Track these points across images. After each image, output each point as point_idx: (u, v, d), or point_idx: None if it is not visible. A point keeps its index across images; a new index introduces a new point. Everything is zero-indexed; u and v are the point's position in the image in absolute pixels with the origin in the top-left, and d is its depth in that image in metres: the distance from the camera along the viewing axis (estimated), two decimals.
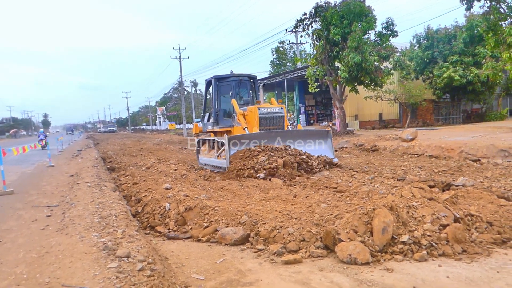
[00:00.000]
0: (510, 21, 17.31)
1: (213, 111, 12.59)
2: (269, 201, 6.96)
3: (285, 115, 11.28)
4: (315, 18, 21.61)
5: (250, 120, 10.89)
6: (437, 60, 24.62)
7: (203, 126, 13.87)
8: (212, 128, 12.72)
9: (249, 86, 12.97)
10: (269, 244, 4.69)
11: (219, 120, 12.56)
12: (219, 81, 12.55)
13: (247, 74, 12.96)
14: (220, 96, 12.56)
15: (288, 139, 10.34)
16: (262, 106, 11.14)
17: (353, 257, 3.95)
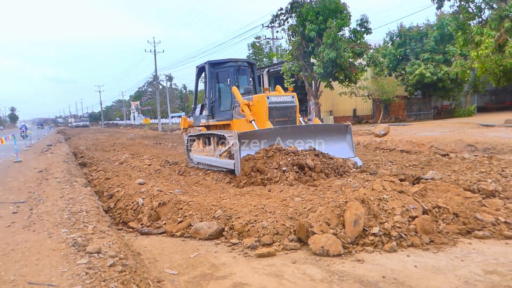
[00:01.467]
0: (478, 21, 17.90)
1: (208, 102, 10.93)
2: (244, 196, 6.97)
3: (297, 105, 9.63)
4: (291, 14, 21.72)
5: (257, 111, 9.22)
6: (409, 58, 25.20)
7: (194, 120, 12.26)
8: (206, 121, 11.07)
9: (248, 73, 11.29)
10: (243, 238, 4.70)
11: (215, 112, 10.91)
12: (214, 67, 10.88)
13: (246, 60, 11.43)
14: (215, 84, 10.89)
15: (307, 136, 8.74)
16: (271, 94, 9.44)
17: (326, 249, 4.01)
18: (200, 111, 11.84)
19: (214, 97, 10.89)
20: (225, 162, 8.83)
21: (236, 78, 10.82)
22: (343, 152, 8.91)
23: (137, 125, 72.26)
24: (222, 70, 10.87)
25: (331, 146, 8.88)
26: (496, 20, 15.91)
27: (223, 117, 10.62)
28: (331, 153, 8.50)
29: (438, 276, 3.33)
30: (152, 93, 75.92)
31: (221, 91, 10.96)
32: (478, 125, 17.24)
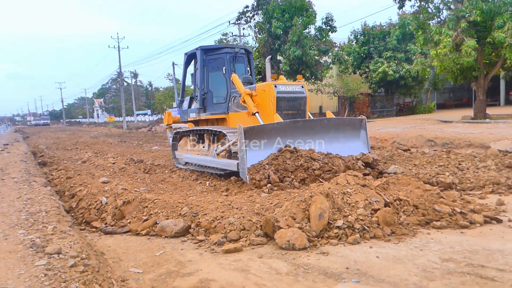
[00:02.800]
0: (437, 21, 18.63)
1: (199, 93, 9.63)
2: (211, 192, 6.95)
3: (308, 97, 8.55)
4: (257, 11, 21.78)
5: (262, 102, 8.05)
6: (372, 56, 25.88)
7: (182, 114, 10.86)
8: (197, 115, 9.77)
9: (245, 62, 10.08)
10: (210, 234, 4.68)
11: (207, 105, 9.64)
12: (207, 53, 9.61)
13: (243, 46, 10.17)
14: (208, 73, 9.59)
15: (319, 132, 7.64)
16: (279, 82, 8.24)
17: (291, 243, 4.06)
18: (188, 104, 10.52)
19: (206, 88, 9.60)
20: (225, 163, 7.53)
21: (232, 67, 9.46)
22: (358, 150, 7.95)
23: (101, 123, 70.25)
24: (217, 57, 9.55)
25: (344, 143, 7.88)
26: (453, 20, 16.62)
27: (217, 111, 9.42)
28: (344, 151, 7.54)
29: (398, 265, 3.45)
30: (116, 91, 73.97)
31: (215, 81, 9.65)
32: (437, 121, 17.98)
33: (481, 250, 3.69)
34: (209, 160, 8.22)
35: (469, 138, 11.44)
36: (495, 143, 10.24)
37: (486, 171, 7.24)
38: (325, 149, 7.37)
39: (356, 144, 8.14)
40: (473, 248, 3.76)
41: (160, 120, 44.51)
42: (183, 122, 11.01)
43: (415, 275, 3.23)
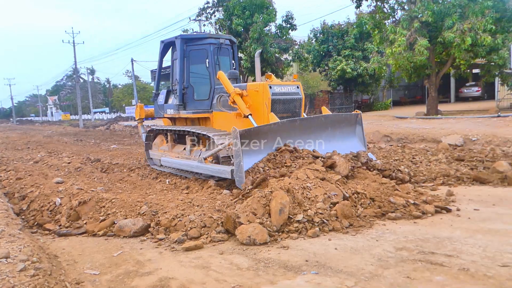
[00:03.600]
0: (392, 20, 19.32)
1: (178, 88, 8.56)
2: (171, 191, 6.85)
3: (303, 98, 7.91)
4: (218, 8, 21.64)
5: (254, 103, 7.25)
6: (331, 54, 26.45)
7: (157, 109, 9.77)
8: (176, 112, 8.70)
9: (230, 54, 9.03)
10: (170, 233, 4.61)
11: (187, 101, 8.62)
12: (188, 43, 8.58)
13: (228, 37, 9.03)
14: (189, 65, 8.59)
15: (317, 131, 7.07)
16: (273, 82, 7.55)
17: (252, 238, 4.08)
18: (165, 98, 9.39)
19: (186, 82, 8.58)
20: (217, 170, 6.61)
21: (216, 59, 8.50)
22: (354, 147, 7.48)
23: (56, 121, 67.24)
24: (199, 48, 8.55)
25: (340, 141, 7.35)
26: (407, 20, 17.29)
27: (199, 108, 8.42)
28: (341, 148, 6.99)
29: (355, 256, 3.56)
30: (72, 87, 71.07)
31: (197, 75, 8.65)
32: (393, 117, 18.67)
33: (432, 238, 3.87)
34: (195, 166, 7.20)
35: (422, 133, 11.97)
36: (445, 137, 10.79)
37: (438, 164, 7.60)
38: (325, 148, 6.83)
39: (353, 141, 7.68)
40: (425, 236, 3.94)
41: (119, 118, 43.27)
42: (159, 117, 9.96)
43: (371, 264, 3.34)
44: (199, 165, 7.06)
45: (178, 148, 8.50)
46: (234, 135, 5.88)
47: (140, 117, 10.79)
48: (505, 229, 4.02)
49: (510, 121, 13.71)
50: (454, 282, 2.92)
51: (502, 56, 16.50)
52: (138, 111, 10.82)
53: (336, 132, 7.40)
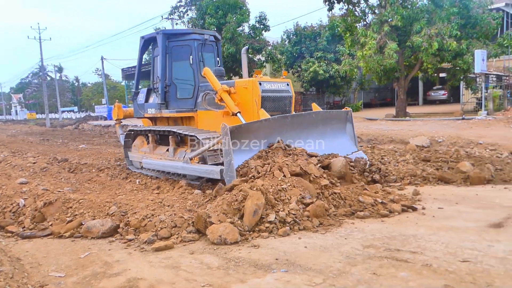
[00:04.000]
0: (363, 24, 19.75)
1: (160, 86, 8.21)
2: (142, 191, 6.75)
3: (293, 96, 7.74)
4: (191, 7, 21.47)
5: (242, 101, 6.99)
6: (304, 55, 26.76)
7: (136, 109, 9.33)
8: (157, 111, 8.39)
9: (215, 51, 8.73)
10: (140, 233, 4.54)
11: (170, 99, 8.27)
12: (170, 39, 8.22)
13: (212, 33, 8.71)
14: (172, 62, 8.24)
15: (308, 128, 6.83)
16: (263, 79, 7.22)
17: (223, 237, 4.07)
18: (145, 97, 9.01)
19: (169, 80, 8.21)
20: (204, 170, 6.20)
21: (201, 56, 8.17)
22: (345, 146, 7.18)
23: (20, 120, 64.74)
24: (182, 44, 8.18)
25: (331, 140, 7.06)
26: (378, 24, 17.74)
27: (182, 107, 8.08)
28: (333, 147, 6.81)
29: (324, 254, 3.62)
30: (38, 85, 68.62)
31: (180, 72, 8.29)
32: (364, 119, 19.09)
33: (398, 235, 3.99)
34: (180, 167, 6.81)
35: (391, 135, 12.30)
36: (413, 139, 11.14)
37: (405, 164, 7.82)
38: (316, 147, 6.68)
39: (344, 140, 7.43)
40: (391, 234, 4.05)
41: (88, 117, 42.16)
42: (139, 117, 9.49)
43: (339, 261, 3.40)
44: (185, 166, 6.64)
45: (160, 150, 8.09)
46: (224, 132, 5.51)
47: (118, 118, 10.28)
48: (466, 227, 4.19)
49: (473, 123, 14.30)
50: (417, 277, 3.01)
51: (467, 61, 17.19)
52: (116, 111, 10.30)
53: (327, 129, 7.13)
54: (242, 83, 7.10)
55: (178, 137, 7.58)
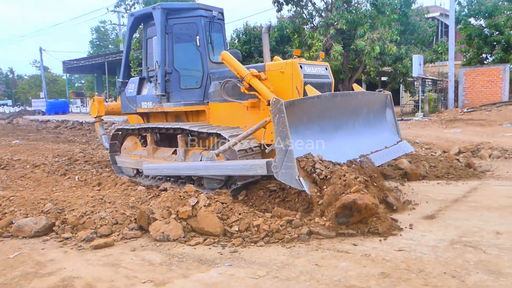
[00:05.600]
0: (310, 26, 20.24)
1: (159, 73, 6.60)
2: (81, 188, 6.42)
3: (333, 82, 6.44)
4: (138, 0, 20.78)
5: (278, 88, 5.47)
6: (253, 55, 26.89)
7: (125, 103, 7.54)
8: (157, 105, 6.78)
9: (223, 31, 7.32)
10: (78, 231, 4.32)
11: (172, 90, 6.69)
12: (171, 15, 6.67)
13: (219, 9, 7.12)
14: (173, 44, 6.71)
15: (356, 111, 5.80)
16: (303, 62, 5.82)
17: (166, 234, 3.97)
18: (137, 88, 7.28)
19: (170, 66, 6.66)
20: (241, 166, 4.95)
21: (209, 37, 6.73)
22: (387, 135, 6.22)
23: None
24: (186, 21, 6.74)
25: (374, 128, 6.05)
26: (324, 27, 18.27)
27: (188, 100, 6.57)
28: (375, 137, 5.85)
29: (269, 247, 3.64)
30: None
31: (183, 57, 6.81)
32: None
33: None
34: (202, 167, 5.48)
35: None
36: None
37: None
38: (360, 138, 5.65)
39: (386, 128, 6.49)
40: None
41: (24, 111, 39.40)
42: (127, 113, 7.79)
43: (283, 255, 3.45)
44: (211, 165, 5.33)
45: (162, 152, 6.62)
46: (277, 108, 4.31)
47: (99, 115, 8.32)
48: (402, 219, 4.41)
49: (411, 124, 15.17)
50: (357, 267, 3.13)
51: (406, 65, 18.20)
52: (95, 106, 8.34)
53: (370, 115, 6.09)
54: (276, 67, 5.69)
55: (189, 135, 6.19)
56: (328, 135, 5.02)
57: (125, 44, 7.90)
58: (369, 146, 5.47)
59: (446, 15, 23.05)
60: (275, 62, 6.00)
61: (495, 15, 18.84)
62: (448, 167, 7.33)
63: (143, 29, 7.36)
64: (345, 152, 4.88)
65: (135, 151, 7.15)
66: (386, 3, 17.14)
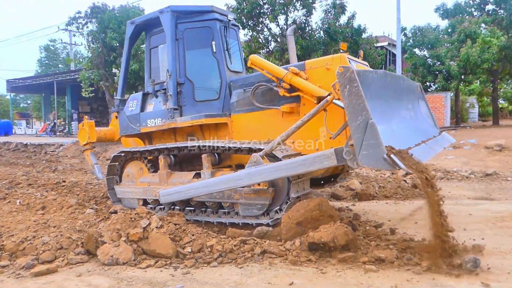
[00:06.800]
0: (266, 51, 20.78)
1: (171, 84, 5.82)
2: (23, 212, 6.02)
3: None
4: (91, 19, 20.38)
5: (324, 88, 4.67)
6: None
7: (126, 123, 6.60)
8: (169, 121, 5.86)
9: (238, 39, 6.71)
10: (17, 258, 4.04)
11: (185, 103, 5.89)
12: (181, 19, 5.96)
13: (233, 15, 6.52)
14: (185, 51, 5.98)
15: (401, 97, 4.97)
16: (351, 57, 5.10)
17: (115, 257, 3.81)
18: (141, 105, 6.42)
19: (182, 76, 5.91)
20: (301, 161, 4.14)
21: (225, 42, 6.02)
22: (427, 127, 5.53)
23: None
24: (199, 26, 6.04)
25: (413, 117, 5.25)
26: (279, 51, 18.83)
27: (204, 111, 5.71)
28: (417, 127, 5.10)
29: (222, 268, 3.59)
30: None
31: (197, 65, 6.08)
32: None
33: None
34: (245, 175, 4.44)
35: None
36: None
37: None
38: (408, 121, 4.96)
39: (424, 117, 5.66)
40: None
41: None
42: (127, 136, 6.74)
43: (236, 274, 3.41)
44: (258, 170, 4.34)
45: (179, 177, 5.61)
46: (347, 77, 3.61)
47: (90, 141, 7.10)
48: None
49: None
50: (309, 284, 3.15)
51: None
52: (85, 132, 7.09)
53: (409, 103, 5.30)
54: (319, 63, 4.96)
55: (215, 155, 5.40)
56: (386, 118, 4.17)
57: (124, 57, 6.88)
58: (417, 135, 4.69)
59: (393, 45, 24.50)
60: (317, 58, 5.40)
61: (436, 47, 20.30)
62: (396, 187, 7.68)
63: (145, 38, 6.60)
64: (401, 139, 4.00)
65: (140, 179, 6.09)
66: (339, 31, 17.99)
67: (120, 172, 6.40)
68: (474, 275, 3.17)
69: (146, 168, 6.10)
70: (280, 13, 18.83)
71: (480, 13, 22.20)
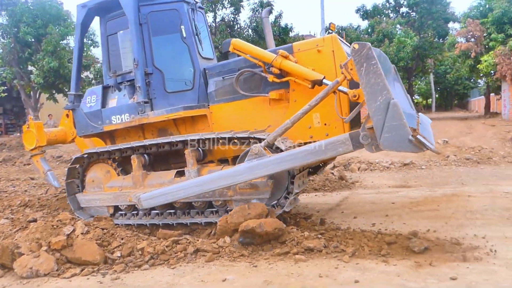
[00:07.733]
0: None
1: (139, 74, 5.17)
2: None
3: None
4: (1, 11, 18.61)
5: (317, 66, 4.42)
6: None
7: (84, 121, 5.77)
8: (141, 116, 5.18)
9: (205, 21, 6.14)
10: None
11: (155, 96, 5.27)
12: (144, 1, 5.28)
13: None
14: (150, 38, 5.33)
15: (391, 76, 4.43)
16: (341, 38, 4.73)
17: (35, 269, 3.54)
18: (102, 101, 5.69)
19: (149, 66, 5.27)
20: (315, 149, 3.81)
21: (194, 27, 5.40)
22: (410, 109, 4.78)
23: None
24: (165, 8, 5.38)
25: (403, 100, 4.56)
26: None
27: (178, 104, 5.13)
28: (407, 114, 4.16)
29: (153, 270, 3.51)
30: None
31: (166, 53, 5.51)
32: None
33: None
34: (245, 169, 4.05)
35: None
36: None
37: None
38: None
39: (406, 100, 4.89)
40: None
41: None
42: (86, 136, 5.95)
43: (169, 275, 3.35)
44: (261, 162, 3.96)
45: (158, 178, 5.07)
46: (364, 54, 3.36)
47: (39, 144, 6.33)
48: None
49: None
50: (242, 278, 3.19)
51: None
52: (32, 134, 6.32)
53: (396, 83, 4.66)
54: (308, 45, 4.59)
55: (199, 150, 4.89)
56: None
57: (76, 46, 6.04)
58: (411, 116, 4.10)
59: None
60: (305, 40, 4.96)
61: None
62: (324, 180, 8.04)
63: (100, 24, 5.77)
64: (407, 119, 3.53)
65: (108, 183, 5.43)
66: None
67: (82, 178, 5.68)
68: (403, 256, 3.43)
69: (114, 171, 5.48)
70: (208, 10, 18.74)
71: (396, 14, 23.99)
